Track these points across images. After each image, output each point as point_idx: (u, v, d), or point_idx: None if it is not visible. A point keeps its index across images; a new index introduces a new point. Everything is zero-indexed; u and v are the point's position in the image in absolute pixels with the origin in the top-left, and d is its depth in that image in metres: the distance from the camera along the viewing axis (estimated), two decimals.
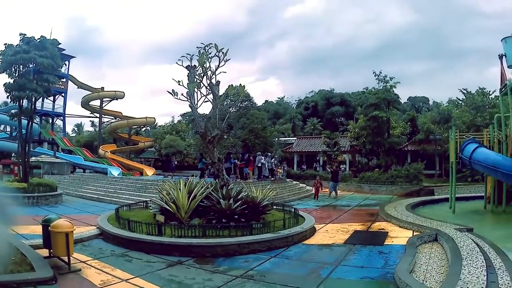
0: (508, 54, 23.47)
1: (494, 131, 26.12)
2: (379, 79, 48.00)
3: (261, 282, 10.28)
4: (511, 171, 21.55)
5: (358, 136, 49.93)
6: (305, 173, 49.47)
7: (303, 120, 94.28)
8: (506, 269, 10.51)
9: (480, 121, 41.57)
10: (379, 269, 11.58)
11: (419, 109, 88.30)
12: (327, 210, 24.83)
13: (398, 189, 37.57)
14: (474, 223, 18.83)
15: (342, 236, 16.50)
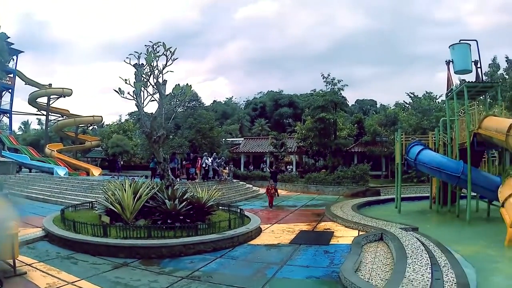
0: (455, 61, 24.13)
1: (439, 134, 26.78)
2: (327, 82, 48.69)
3: (207, 283, 10.25)
4: (455, 173, 22.11)
5: (305, 137, 50.35)
6: (252, 174, 49.54)
7: (251, 121, 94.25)
8: (451, 267, 10.81)
9: (426, 124, 42.34)
10: (324, 269, 11.69)
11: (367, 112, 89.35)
12: (274, 211, 24.93)
13: (344, 189, 37.86)
14: (420, 222, 19.34)
15: (288, 236, 16.59)
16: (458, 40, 24.15)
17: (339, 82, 48.91)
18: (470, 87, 22.88)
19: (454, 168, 22.50)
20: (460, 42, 24.11)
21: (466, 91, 22.48)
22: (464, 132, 22.47)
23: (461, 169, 21.99)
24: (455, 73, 24.73)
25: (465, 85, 22.79)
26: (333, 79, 48.70)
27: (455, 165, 22.66)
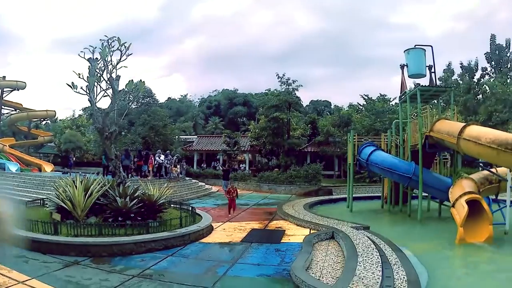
0: (409, 65, 24.60)
1: (392, 136, 27.15)
2: (282, 82, 48.99)
3: (157, 281, 10.17)
4: (407, 173, 22.48)
5: (259, 136, 50.41)
6: (205, 172, 49.52)
7: (205, 119, 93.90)
8: (401, 265, 10.97)
9: (380, 126, 42.89)
10: (275, 267, 11.74)
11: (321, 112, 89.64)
12: (226, 209, 24.79)
13: (296, 188, 38.09)
14: (371, 221, 19.60)
15: (240, 234, 16.61)
16: (414, 45, 24.56)
17: (294, 82, 49.38)
18: (423, 91, 23.31)
19: (405, 169, 22.93)
20: (415, 47, 24.53)
21: (419, 94, 22.90)
22: (416, 134, 22.88)
23: (412, 170, 22.43)
24: (409, 77, 25.28)
25: (418, 89, 23.21)
26: (288, 79, 49.13)
27: (406, 166, 23.11)
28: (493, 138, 16.87)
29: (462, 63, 52.68)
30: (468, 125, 18.85)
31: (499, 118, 42.04)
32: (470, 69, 51.88)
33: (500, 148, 16.37)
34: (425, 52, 24.53)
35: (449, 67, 54.52)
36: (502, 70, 51.54)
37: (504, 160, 16.90)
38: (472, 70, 51.88)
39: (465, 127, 18.51)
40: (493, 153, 16.76)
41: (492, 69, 52.66)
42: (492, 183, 20.76)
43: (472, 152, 18.50)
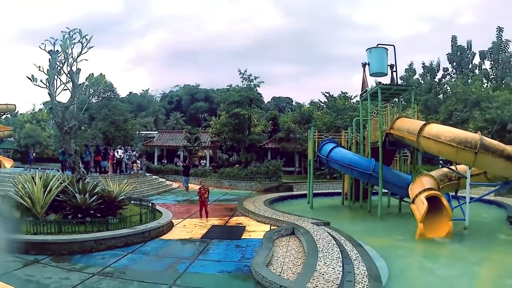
0: (371, 63, 24.90)
1: (352, 133, 27.34)
2: (244, 78, 48.83)
3: (118, 279, 10.07)
4: (367, 170, 22.67)
5: (220, 132, 50.22)
6: (165, 168, 49.11)
7: (166, 114, 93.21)
8: (362, 260, 11.15)
9: (340, 123, 43.20)
10: (236, 263, 11.75)
11: (283, 109, 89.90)
12: (186, 205, 24.80)
13: (257, 185, 38.12)
14: (332, 217, 19.68)
15: (200, 230, 16.56)
16: (376, 44, 24.79)
17: (256, 78, 49.30)
18: (384, 89, 23.52)
19: (365, 166, 23.16)
20: (377, 46, 24.77)
21: (380, 92, 23.11)
22: (377, 131, 23.11)
23: (372, 166, 22.67)
24: (370, 75, 25.66)
25: (379, 87, 23.42)
26: (250, 75, 49.06)
27: (366, 163, 23.35)
28: (453, 137, 17.16)
29: (424, 63, 53.63)
30: (428, 124, 19.12)
31: (459, 117, 42.70)
32: (431, 69, 52.95)
33: (459, 146, 16.66)
34: (387, 51, 24.85)
35: (411, 67, 55.44)
36: (463, 71, 52.73)
37: (463, 158, 17.21)
38: (433, 70, 53.00)
39: (425, 125, 18.77)
40: (453, 151, 17.06)
41: (453, 70, 53.89)
42: (452, 180, 21.11)
43: (432, 150, 18.78)
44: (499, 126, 38.02)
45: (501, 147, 17.04)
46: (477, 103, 42.36)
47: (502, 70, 50.82)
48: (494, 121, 38.52)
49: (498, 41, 51.51)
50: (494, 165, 17.38)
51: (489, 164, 17.46)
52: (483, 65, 53.40)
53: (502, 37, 51.37)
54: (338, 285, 8.81)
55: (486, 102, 41.05)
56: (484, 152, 16.55)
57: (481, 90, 44.78)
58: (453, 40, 53.42)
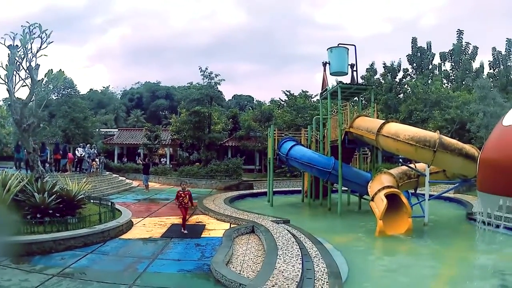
0: (332, 63, 25.18)
1: (312, 131, 27.52)
2: (205, 75, 48.53)
3: (78, 280, 9.92)
4: (326, 168, 22.87)
5: (180, 130, 49.93)
6: (126, 166, 48.69)
7: (127, 112, 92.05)
8: (322, 257, 11.26)
9: (301, 121, 43.40)
10: (195, 262, 11.71)
11: (244, 107, 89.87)
12: (146, 204, 24.62)
13: (217, 183, 38.04)
14: (291, 215, 19.86)
15: (160, 230, 16.44)
16: (337, 44, 24.98)
17: (216, 76, 49.07)
18: (344, 88, 23.76)
19: (325, 164, 23.40)
20: (338, 46, 24.98)
21: (340, 91, 23.37)
22: (336, 130, 23.22)
23: (332, 164, 22.92)
24: (331, 74, 25.95)
25: (339, 86, 23.67)
26: (211, 73, 48.79)
27: (326, 161, 23.61)
28: (412, 135, 17.44)
29: (385, 63, 54.13)
30: (387, 122, 19.40)
31: (419, 116, 43.47)
32: (392, 69, 53.59)
33: (418, 145, 16.93)
34: (348, 51, 25.11)
35: (372, 67, 55.98)
36: (423, 71, 53.69)
37: (422, 156, 17.48)
38: (394, 70, 53.65)
39: (384, 124, 19.04)
40: (411, 149, 17.33)
41: (413, 70, 54.89)
42: (411, 178, 21.44)
43: (391, 148, 19.04)
44: (459, 126, 38.85)
45: (460, 146, 17.39)
46: (437, 103, 43.24)
47: (462, 72, 51.93)
48: (453, 120, 39.32)
49: (459, 44, 52.64)
50: (452, 163, 17.71)
51: (448, 162, 17.79)
52: (443, 66, 54.85)
53: (463, 40, 52.46)
54: (297, 283, 8.82)
55: (446, 102, 41.78)
56: (443, 150, 16.87)
57: (441, 90, 45.74)
58: (413, 41, 54.41)
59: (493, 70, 51.55)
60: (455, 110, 39.31)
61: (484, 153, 3.05)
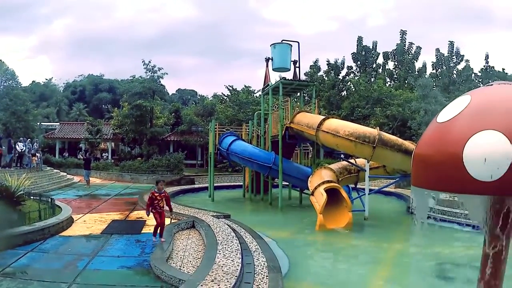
0: (274, 58, 25.48)
1: (253, 126, 27.66)
2: (148, 69, 48.19)
3: (18, 279, 9.71)
4: (267, 163, 23.06)
5: (122, 124, 49.52)
6: (67, 161, 48.14)
7: (69, 105, 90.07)
8: (262, 251, 11.39)
9: (243, 116, 43.78)
10: (136, 258, 11.66)
11: (187, 102, 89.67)
12: (87, 200, 24.37)
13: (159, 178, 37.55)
14: (232, 210, 20.00)
15: (100, 226, 16.28)
16: (281, 40, 25.16)
17: (160, 69, 48.78)
18: (285, 84, 23.98)
19: (265, 159, 23.64)
20: (282, 42, 25.15)
21: (281, 87, 23.52)
22: (277, 125, 23.41)
23: (272, 159, 23.13)
24: (273, 70, 26.16)
25: (281, 82, 23.81)
26: (154, 66, 48.47)
27: (266, 156, 23.86)
28: (352, 131, 17.73)
29: (329, 61, 54.64)
30: (328, 118, 19.70)
31: (361, 113, 44.16)
32: (336, 67, 54.18)
33: (357, 141, 17.23)
34: (291, 47, 25.35)
35: (316, 64, 56.48)
36: (367, 69, 54.40)
37: (362, 151, 17.80)
38: (338, 68, 54.20)
39: (325, 120, 19.32)
40: (351, 145, 17.63)
41: (357, 68, 55.48)
42: (351, 173, 21.82)
43: (330, 144, 19.33)
44: (400, 123, 39.65)
45: (399, 142, 17.79)
46: (379, 100, 43.94)
47: (405, 71, 52.96)
48: (395, 117, 40.09)
49: (402, 44, 53.66)
50: (392, 159, 18.10)
51: (387, 158, 18.17)
52: (387, 65, 55.83)
53: (406, 40, 53.58)
54: (237, 277, 8.90)
55: (388, 100, 42.57)
56: (382, 146, 17.21)
57: (384, 88, 46.57)
58: (358, 40, 55.00)
59: (435, 71, 52.76)
60: (397, 108, 40.15)
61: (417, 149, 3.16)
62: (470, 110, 2.88)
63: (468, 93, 3.11)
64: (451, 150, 2.74)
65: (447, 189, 2.91)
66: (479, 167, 2.61)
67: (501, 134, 2.58)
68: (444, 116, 3.02)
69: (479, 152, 2.61)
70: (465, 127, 2.76)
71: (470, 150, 2.65)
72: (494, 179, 2.57)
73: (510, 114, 2.71)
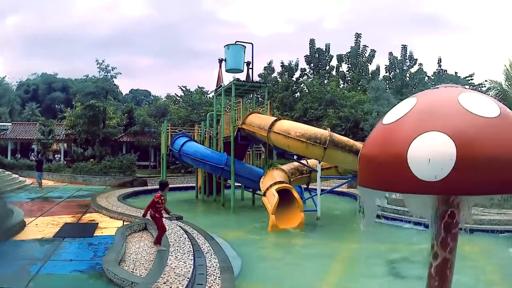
0: (228, 60, 25.56)
1: (206, 127, 27.73)
2: (101, 68, 47.76)
3: None
4: (219, 164, 23.16)
5: (74, 125, 48.87)
6: (19, 163, 47.08)
7: (22, 104, 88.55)
8: (214, 253, 11.40)
9: (196, 117, 43.75)
10: (88, 261, 11.44)
11: (140, 102, 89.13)
12: (39, 203, 23.98)
13: (111, 179, 37.39)
14: (185, 212, 19.94)
15: (52, 229, 15.95)
16: (235, 41, 25.25)
17: (113, 69, 48.39)
18: (238, 85, 24.09)
19: (217, 160, 23.77)
20: (235, 43, 25.27)
21: (234, 88, 23.59)
22: (229, 126, 23.48)
23: (224, 160, 23.24)
24: (226, 71, 26.25)
25: (233, 83, 23.89)
26: (107, 65, 48.05)
27: (219, 157, 23.99)
28: (303, 132, 17.91)
29: (283, 62, 54.97)
30: (279, 120, 19.88)
31: (314, 114, 44.60)
32: (290, 69, 54.57)
33: (309, 142, 17.41)
34: (245, 49, 25.47)
35: (270, 65, 56.76)
36: (320, 71, 54.81)
37: (313, 152, 17.98)
38: (292, 70, 54.58)
39: (276, 121, 19.49)
40: (302, 146, 17.81)
41: (311, 70, 55.97)
42: (303, 174, 22.03)
43: (282, 145, 19.51)
44: (352, 124, 40.23)
45: (350, 143, 18.05)
46: (332, 102, 44.41)
47: (358, 73, 53.57)
48: (347, 119, 40.66)
49: (356, 46, 54.27)
50: (343, 159, 18.35)
51: (339, 158, 18.42)
52: (341, 68, 56.40)
53: (360, 43, 54.22)
54: (189, 279, 8.88)
55: (341, 101, 43.10)
56: (333, 147, 17.45)
57: (337, 90, 47.21)
58: (311, 42, 55.37)
59: (388, 73, 53.64)
60: (350, 110, 40.79)
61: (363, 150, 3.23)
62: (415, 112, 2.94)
63: (414, 95, 3.19)
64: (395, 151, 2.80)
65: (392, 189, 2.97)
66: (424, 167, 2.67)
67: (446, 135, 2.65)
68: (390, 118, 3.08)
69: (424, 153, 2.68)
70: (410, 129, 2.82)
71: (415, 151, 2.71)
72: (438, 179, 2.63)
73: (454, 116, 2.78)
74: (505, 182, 2.69)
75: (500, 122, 2.77)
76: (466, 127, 2.69)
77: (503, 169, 2.64)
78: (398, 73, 51.65)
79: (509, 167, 2.66)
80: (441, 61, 53.04)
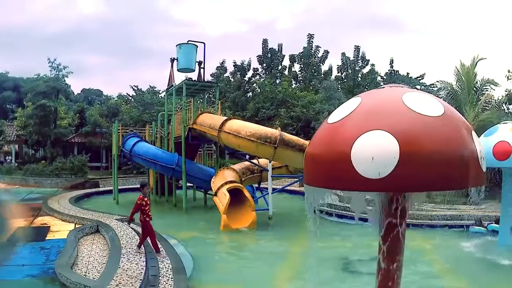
0: (179, 59, 25.54)
1: (157, 127, 27.68)
2: (53, 67, 46.91)
3: None
4: (170, 164, 23.20)
5: (26, 125, 47.95)
6: None
7: None
8: (166, 254, 11.41)
9: (148, 117, 43.41)
10: (40, 266, 11.34)
11: (92, 102, 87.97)
12: None
13: (63, 181, 36.66)
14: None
15: None
16: (187, 41, 25.20)
17: (65, 68, 47.53)
18: (189, 85, 24.13)
19: (168, 160, 23.80)
20: (187, 43, 25.23)
21: (185, 88, 23.62)
22: (180, 126, 23.48)
23: (175, 161, 23.24)
24: (178, 71, 26.12)
25: (184, 83, 23.89)
26: (59, 64, 47.19)
27: (170, 157, 24.04)
28: (253, 132, 18.03)
29: (236, 62, 55.01)
30: (230, 119, 20.00)
31: (265, 114, 44.59)
32: (242, 68, 54.62)
33: (259, 141, 17.53)
34: (197, 48, 25.46)
35: (223, 65, 56.61)
36: (273, 71, 54.98)
37: (263, 152, 18.13)
38: (244, 69, 54.66)
39: (227, 121, 19.61)
40: (252, 146, 17.94)
41: (263, 70, 56.08)
42: (254, 173, 22.17)
43: (232, 144, 19.64)
44: (304, 123, 40.44)
45: (301, 142, 18.21)
46: (284, 102, 44.57)
47: (310, 73, 53.80)
48: (299, 118, 40.88)
49: (309, 47, 54.47)
50: (293, 158, 18.52)
51: (289, 157, 18.59)
52: (293, 68, 56.45)
53: (313, 43, 54.46)
54: (142, 280, 8.89)
55: (293, 101, 43.34)
56: (284, 147, 17.59)
57: (288, 90, 47.44)
58: (264, 43, 55.49)
59: (341, 74, 54.19)
60: (301, 109, 40.98)
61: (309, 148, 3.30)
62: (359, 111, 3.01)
63: (359, 95, 3.26)
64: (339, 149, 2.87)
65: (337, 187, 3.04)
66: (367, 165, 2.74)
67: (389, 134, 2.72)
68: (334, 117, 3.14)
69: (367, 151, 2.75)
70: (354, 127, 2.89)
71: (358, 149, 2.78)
72: (382, 177, 2.70)
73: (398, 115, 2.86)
74: (447, 179, 2.78)
75: (443, 120, 2.85)
76: (409, 126, 2.77)
77: (445, 166, 2.73)
78: (350, 73, 52.29)
79: (451, 164, 2.75)
80: (393, 62, 54.08)
